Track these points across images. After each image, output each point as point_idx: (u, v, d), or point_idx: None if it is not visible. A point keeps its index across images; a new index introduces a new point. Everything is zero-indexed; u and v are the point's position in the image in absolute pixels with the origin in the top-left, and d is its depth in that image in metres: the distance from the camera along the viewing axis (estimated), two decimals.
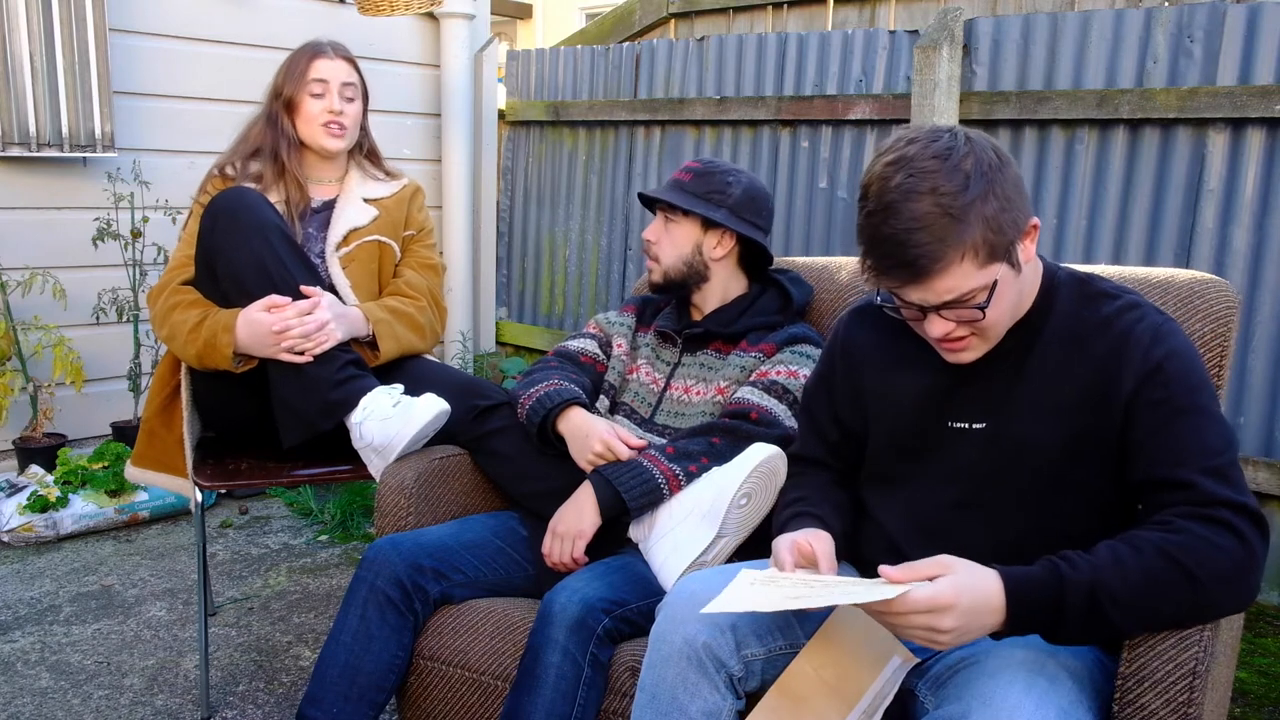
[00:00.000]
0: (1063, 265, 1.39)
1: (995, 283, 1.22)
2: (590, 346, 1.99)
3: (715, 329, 1.87)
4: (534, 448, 1.85)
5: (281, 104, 2.18)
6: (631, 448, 1.71)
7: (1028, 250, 1.27)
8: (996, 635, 1.17)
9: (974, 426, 1.34)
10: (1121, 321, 1.28)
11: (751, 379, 1.78)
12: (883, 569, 1.17)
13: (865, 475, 1.50)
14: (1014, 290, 1.27)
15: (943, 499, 1.37)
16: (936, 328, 1.27)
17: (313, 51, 2.20)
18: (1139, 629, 1.17)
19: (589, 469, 1.72)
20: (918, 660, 1.25)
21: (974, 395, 1.35)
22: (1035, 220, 1.27)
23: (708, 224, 1.85)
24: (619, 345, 1.97)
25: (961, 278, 1.20)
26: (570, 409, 1.80)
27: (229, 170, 2.19)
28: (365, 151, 2.31)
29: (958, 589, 1.12)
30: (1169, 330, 1.27)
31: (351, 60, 2.23)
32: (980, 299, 1.22)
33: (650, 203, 1.94)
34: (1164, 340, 1.25)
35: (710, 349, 1.88)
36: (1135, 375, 1.24)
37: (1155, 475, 1.22)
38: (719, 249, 1.86)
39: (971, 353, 1.31)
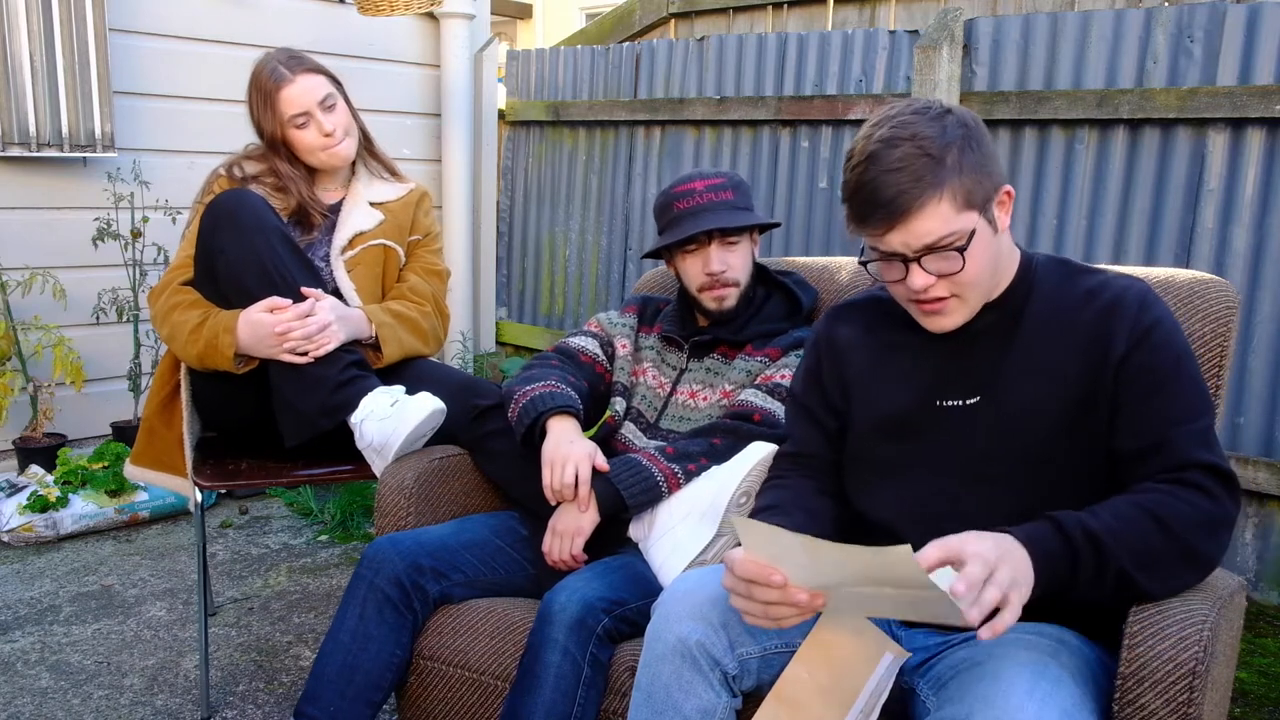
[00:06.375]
0: (1039, 251, 1.42)
1: (974, 231, 1.25)
2: (591, 345, 1.97)
3: (724, 336, 1.86)
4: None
5: (269, 143, 2.13)
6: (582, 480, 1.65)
7: (1003, 219, 1.31)
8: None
9: (966, 403, 1.35)
10: (1108, 290, 1.32)
11: (755, 382, 1.78)
12: (921, 555, 1.10)
13: (851, 470, 1.47)
14: (991, 250, 1.29)
15: (937, 482, 1.36)
16: (918, 279, 1.27)
17: (273, 82, 2.09)
18: (1137, 569, 1.18)
19: (548, 494, 1.68)
20: (909, 655, 1.25)
21: (962, 371, 1.35)
22: (1009, 188, 1.31)
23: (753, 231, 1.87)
24: (622, 346, 1.96)
25: (940, 219, 1.23)
26: (558, 418, 1.73)
27: (235, 171, 2.17)
28: (363, 138, 2.26)
29: (975, 539, 1.11)
30: (1154, 298, 1.31)
31: (312, 68, 2.13)
32: (959, 242, 1.24)
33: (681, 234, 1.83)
34: (1151, 307, 1.29)
35: (716, 353, 1.87)
36: (1127, 336, 1.28)
37: (1137, 445, 1.26)
38: (754, 251, 1.88)
39: (951, 317, 1.32)
